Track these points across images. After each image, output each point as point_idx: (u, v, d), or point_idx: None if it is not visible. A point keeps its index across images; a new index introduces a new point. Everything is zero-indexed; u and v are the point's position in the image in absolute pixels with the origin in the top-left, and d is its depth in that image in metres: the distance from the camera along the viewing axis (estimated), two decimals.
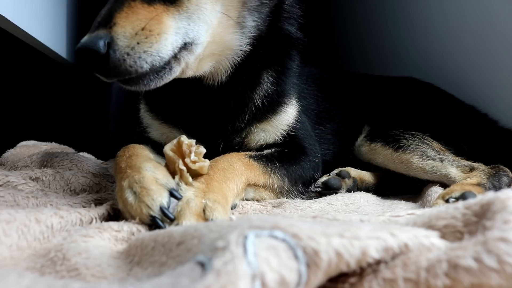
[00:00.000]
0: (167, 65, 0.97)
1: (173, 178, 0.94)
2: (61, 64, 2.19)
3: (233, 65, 1.23)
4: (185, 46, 1.00)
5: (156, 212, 0.82)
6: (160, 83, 0.98)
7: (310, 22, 1.42)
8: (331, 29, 3.01)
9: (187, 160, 0.95)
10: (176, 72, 1.01)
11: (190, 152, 0.96)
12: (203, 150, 0.98)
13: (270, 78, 1.33)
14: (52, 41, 1.95)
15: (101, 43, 0.86)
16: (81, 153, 1.65)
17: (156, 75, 0.96)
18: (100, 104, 2.27)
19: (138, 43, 0.89)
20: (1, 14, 1.44)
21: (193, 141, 0.98)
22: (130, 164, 0.97)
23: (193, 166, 0.95)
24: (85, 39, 0.89)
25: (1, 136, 1.76)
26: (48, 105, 2.18)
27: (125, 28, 0.88)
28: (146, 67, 0.91)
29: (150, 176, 0.90)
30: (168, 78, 0.99)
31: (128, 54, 0.88)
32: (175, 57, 0.98)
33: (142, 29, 0.90)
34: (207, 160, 0.99)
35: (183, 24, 0.98)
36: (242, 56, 1.22)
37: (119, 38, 0.88)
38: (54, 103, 2.22)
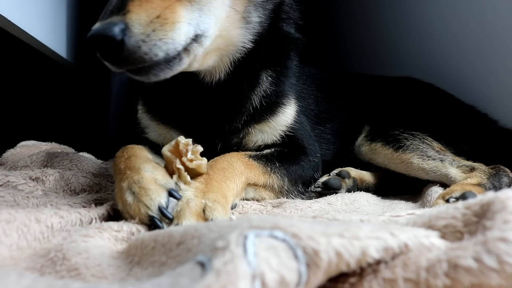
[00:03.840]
0: (177, 56, 0.95)
1: (172, 178, 0.94)
2: (61, 64, 2.19)
3: (232, 63, 1.22)
4: (196, 38, 0.99)
5: (154, 212, 0.83)
6: (169, 74, 0.97)
7: (310, 23, 1.41)
8: (331, 29, 3.01)
9: (184, 159, 0.95)
10: (185, 64, 1.00)
11: (187, 151, 0.96)
12: (200, 148, 0.99)
13: (269, 78, 1.32)
14: (52, 41, 1.95)
15: (117, 29, 0.84)
16: (81, 153, 1.65)
17: (166, 65, 0.94)
18: (100, 104, 2.27)
19: (153, 31, 0.87)
20: (1, 14, 1.44)
21: (189, 140, 0.98)
22: (129, 165, 0.97)
23: (190, 165, 0.96)
24: (97, 26, 0.86)
25: (1, 136, 1.76)
26: (48, 105, 2.18)
27: (140, 16, 0.86)
28: (161, 55, 0.89)
29: (149, 176, 0.91)
30: (177, 69, 0.98)
31: (143, 41, 0.86)
32: (185, 48, 0.97)
33: (157, 17, 0.88)
34: (204, 158, 0.99)
35: (195, 16, 0.97)
36: (243, 53, 1.22)
37: (134, 25, 0.85)
38: (54, 103, 2.22)
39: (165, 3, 0.91)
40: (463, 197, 1.17)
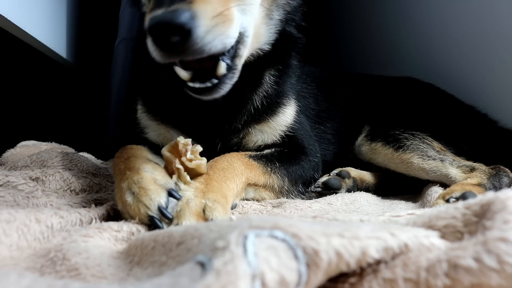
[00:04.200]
0: (234, 69, 0.98)
1: (172, 178, 0.94)
2: (61, 64, 2.19)
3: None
4: (239, 39, 1.00)
5: (154, 212, 0.83)
6: (229, 88, 0.99)
7: (310, 23, 1.41)
8: (331, 30, 3.01)
9: (183, 159, 0.96)
10: (239, 71, 1.01)
11: (186, 151, 0.97)
12: (199, 148, 1.00)
13: (271, 78, 1.33)
14: (52, 41, 1.95)
15: (186, 17, 0.81)
16: (81, 153, 1.65)
17: (228, 81, 0.97)
18: (100, 104, 2.27)
19: (215, 26, 0.87)
20: (1, 14, 1.44)
21: (189, 140, 0.99)
22: (129, 166, 0.98)
23: (189, 165, 0.96)
24: (162, 12, 0.81)
25: (1, 136, 1.76)
26: (48, 105, 2.18)
27: (206, 8, 0.85)
28: (219, 47, 0.89)
29: (148, 176, 0.91)
30: (234, 80, 1.00)
31: (207, 33, 0.85)
32: (236, 54, 0.99)
33: (219, 13, 0.89)
34: (204, 158, 1.00)
35: (239, 15, 0.99)
36: (255, 53, 1.23)
37: (202, 16, 0.83)
38: (54, 103, 2.22)
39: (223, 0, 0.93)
40: (463, 197, 1.17)
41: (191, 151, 0.98)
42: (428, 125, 1.59)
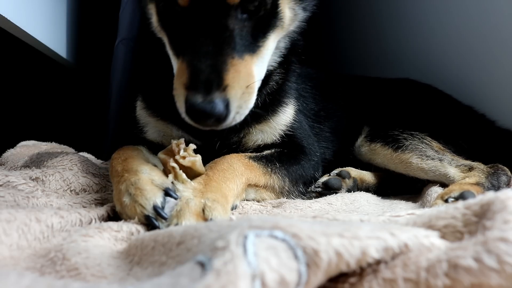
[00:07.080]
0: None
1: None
2: (61, 64, 2.19)
3: None
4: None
5: (149, 212, 0.84)
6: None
7: (309, 25, 1.41)
8: (329, 31, 3.01)
9: (177, 157, 0.97)
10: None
11: (180, 149, 0.98)
12: (192, 146, 1.02)
13: (275, 77, 1.34)
14: (52, 41, 1.95)
15: (222, 108, 0.91)
16: (81, 153, 1.65)
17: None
18: (100, 104, 2.27)
19: (244, 102, 0.96)
20: (1, 14, 1.44)
21: (182, 140, 1.01)
22: (127, 167, 0.99)
23: (183, 162, 0.97)
24: (201, 102, 0.90)
25: (1, 136, 1.76)
26: (48, 105, 2.18)
27: (236, 90, 0.93)
28: (239, 120, 0.99)
29: (145, 177, 0.92)
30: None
31: (237, 113, 0.95)
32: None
33: (246, 87, 0.96)
34: (198, 155, 1.01)
35: (259, 69, 1.04)
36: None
37: (233, 100, 0.93)
38: (54, 103, 2.23)
39: (247, 68, 0.98)
40: (461, 196, 1.17)
41: (184, 149, 1.00)
42: (426, 125, 1.59)
